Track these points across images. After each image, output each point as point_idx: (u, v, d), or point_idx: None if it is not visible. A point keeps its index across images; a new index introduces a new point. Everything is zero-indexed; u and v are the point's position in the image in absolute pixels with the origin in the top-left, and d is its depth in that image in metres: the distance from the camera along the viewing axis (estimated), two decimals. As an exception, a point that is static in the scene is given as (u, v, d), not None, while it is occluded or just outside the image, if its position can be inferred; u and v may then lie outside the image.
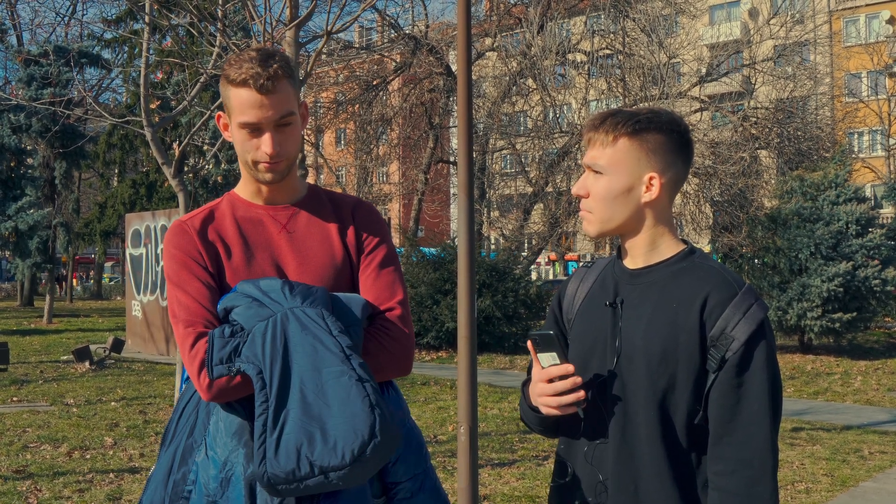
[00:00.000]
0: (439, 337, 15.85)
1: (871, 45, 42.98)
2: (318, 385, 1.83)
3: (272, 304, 1.93)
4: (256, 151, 2.05)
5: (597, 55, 20.50)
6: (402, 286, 2.15)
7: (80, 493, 6.12)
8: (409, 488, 2.07)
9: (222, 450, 1.94)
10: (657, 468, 1.80)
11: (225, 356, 1.89)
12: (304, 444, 1.78)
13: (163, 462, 2.06)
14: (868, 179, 36.21)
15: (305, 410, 1.81)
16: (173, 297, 2.02)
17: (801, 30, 26.12)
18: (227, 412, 1.96)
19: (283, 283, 1.98)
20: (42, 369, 13.24)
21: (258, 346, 1.87)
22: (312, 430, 1.79)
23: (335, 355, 1.85)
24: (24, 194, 25.94)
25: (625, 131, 1.85)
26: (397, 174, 27.90)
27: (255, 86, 2.00)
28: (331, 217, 2.17)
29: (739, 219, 17.53)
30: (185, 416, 2.07)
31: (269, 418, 1.82)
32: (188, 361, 1.94)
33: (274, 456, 1.79)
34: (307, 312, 1.91)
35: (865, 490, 6.42)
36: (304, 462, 1.77)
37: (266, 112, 2.02)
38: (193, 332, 1.96)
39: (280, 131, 2.05)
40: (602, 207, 1.89)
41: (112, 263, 64.97)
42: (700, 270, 1.85)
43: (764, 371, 1.77)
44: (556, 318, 2.08)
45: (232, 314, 1.96)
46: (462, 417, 4.54)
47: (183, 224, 2.10)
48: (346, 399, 1.81)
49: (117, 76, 36.10)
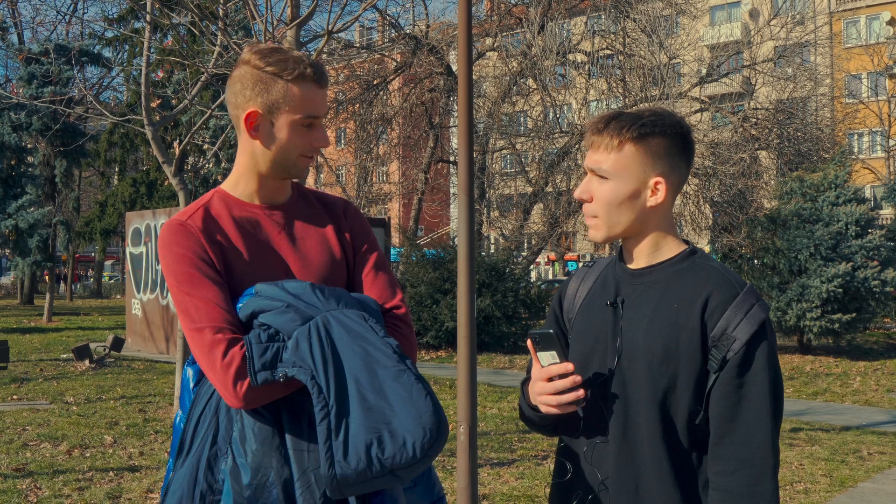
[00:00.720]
0: (439, 336, 15.87)
1: (872, 47, 42.99)
2: (375, 386, 1.83)
3: (308, 307, 1.91)
4: (309, 146, 2.06)
5: (597, 55, 20.51)
6: (399, 286, 2.18)
7: (80, 491, 6.13)
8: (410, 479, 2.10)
9: (252, 456, 1.92)
10: (658, 468, 1.80)
11: (268, 362, 1.86)
12: (373, 445, 1.79)
13: (184, 473, 2.01)
14: (868, 180, 36.21)
15: (368, 412, 1.82)
16: (188, 302, 1.94)
17: (802, 31, 26.13)
18: (254, 419, 1.93)
19: (311, 285, 1.96)
20: (42, 367, 13.25)
21: (305, 350, 1.85)
22: (380, 430, 1.80)
23: (389, 356, 1.86)
24: (25, 192, 25.98)
25: (630, 136, 1.84)
26: (397, 174, 27.92)
27: (316, 77, 2.02)
28: (324, 218, 2.17)
29: (739, 219, 17.53)
30: (202, 424, 2.02)
31: (331, 423, 1.81)
32: (220, 369, 1.87)
33: (343, 459, 1.79)
34: (348, 315, 1.91)
35: (864, 491, 6.43)
36: (375, 462, 1.79)
37: (325, 103, 2.07)
38: (224, 338, 1.89)
39: (322, 124, 2.11)
40: (608, 212, 1.88)
41: (112, 262, 65.00)
42: (702, 271, 1.86)
43: (765, 371, 1.77)
44: (557, 318, 2.08)
45: (261, 318, 1.91)
46: (461, 417, 4.55)
47: (184, 224, 2.03)
48: (410, 397, 1.82)
49: (118, 75, 36.12)
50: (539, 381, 1.88)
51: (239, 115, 2.06)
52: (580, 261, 45.33)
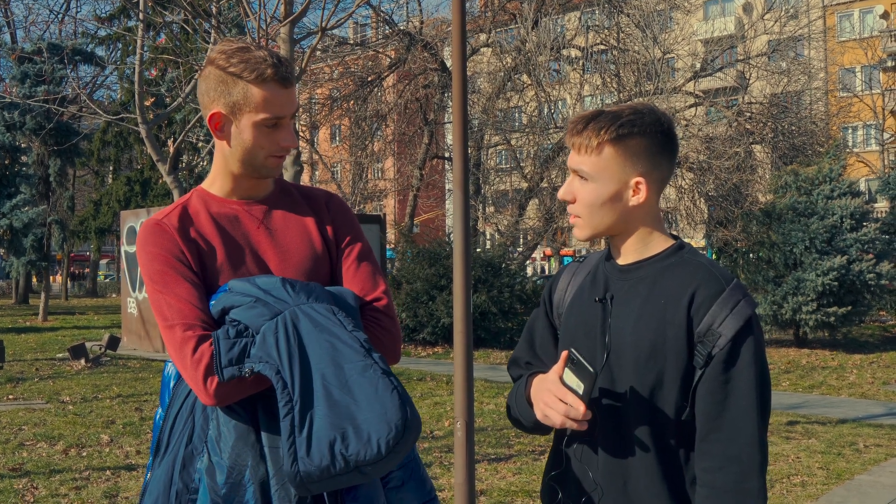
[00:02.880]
0: (435, 332, 15.88)
1: (865, 40, 43.00)
2: (341, 381, 1.81)
3: (277, 302, 1.90)
4: (276, 146, 2.03)
5: (591, 51, 20.50)
6: (384, 276, 2.15)
7: (77, 490, 6.12)
8: (399, 477, 2.08)
9: (228, 455, 1.91)
10: (646, 464, 1.80)
11: (234, 357, 1.85)
12: (336, 441, 1.77)
13: (160, 472, 2.01)
14: (862, 174, 36.27)
15: (333, 407, 1.79)
16: (161, 300, 1.95)
17: (796, 25, 26.16)
18: (229, 417, 1.93)
19: (282, 279, 1.95)
20: (38, 367, 13.23)
21: (271, 345, 1.84)
22: (344, 426, 1.78)
23: (356, 350, 1.84)
24: (19, 192, 25.93)
25: (608, 138, 1.83)
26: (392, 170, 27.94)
27: (279, 78, 1.98)
28: (306, 211, 2.15)
29: (734, 214, 17.56)
30: (178, 423, 2.02)
31: (295, 418, 1.80)
32: (190, 366, 1.88)
33: (306, 455, 1.78)
34: (317, 309, 1.89)
35: (861, 483, 6.45)
36: (339, 458, 1.77)
37: (290, 104, 2.02)
38: (193, 335, 1.89)
39: (290, 124, 2.06)
40: (590, 213, 1.88)
41: (107, 261, 64.90)
42: (688, 266, 1.85)
43: (751, 367, 1.76)
44: (547, 311, 2.07)
45: (231, 314, 1.91)
46: (458, 413, 4.55)
47: (160, 223, 2.03)
48: (375, 392, 1.80)
49: (111, 73, 36.05)
50: (553, 393, 1.83)
51: (205, 116, 2.06)
52: (576, 256, 45.34)
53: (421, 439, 7.82)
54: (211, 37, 8.73)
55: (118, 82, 35.99)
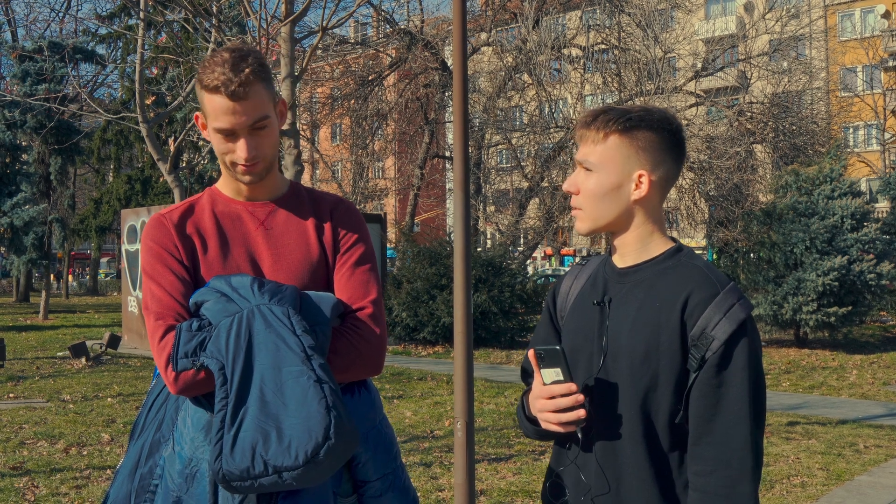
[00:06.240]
0: (436, 332, 15.88)
1: (867, 40, 42.99)
2: (277, 384, 1.83)
3: (240, 300, 1.93)
4: (232, 154, 2.04)
5: (592, 50, 20.51)
6: (377, 285, 2.13)
7: (78, 489, 6.13)
8: (378, 487, 2.08)
9: (189, 445, 1.94)
10: (639, 468, 1.80)
11: (190, 350, 1.89)
12: (259, 443, 1.78)
13: (130, 455, 2.06)
14: (863, 174, 36.28)
15: (263, 409, 1.81)
16: (147, 290, 2.02)
17: (797, 24, 26.16)
18: (195, 407, 1.96)
19: (252, 279, 1.97)
20: (38, 365, 13.24)
21: (222, 341, 1.87)
22: (268, 429, 1.79)
23: (296, 355, 1.85)
24: (20, 190, 25.93)
25: (615, 128, 1.85)
26: (393, 169, 27.95)
27: (226, 92, 1.96)
28: (309, 215, 2.16)
29: (735, 213, 17.55)
30: (153, 410, 2.07)
31: (227, 415, 1.82)
32: (156, 353, 1.95)
33: (230, 453, 1.79)
34: (273, 310, 1.90)
35: (861, 484, 6.45)
36: (259, 461, 1.77)
37: (239, 118, 1.99)
38: (163, 324, 1.96)
39: (255, 135, 2.03)
40: (592, 204, 1.89)
41: (108, 259, 64.94)
42: (684, 269, 1.85)
43: (745, 371, 1.75)
44: (551, 315, 2.08)
45: (202, 309, 1.96)
46: (459, 412, 4.55)
47: (161, 217, 2.10)
48: (303, 399, 1.80)
49: (112, 72, 36.03)
50: (540, 398, 1.85)
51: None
52: (576, 255, 45.36)
53: (421, 439, 7.83)
54: (211, 36, 8.73)
55: (119, 81, 35.98)
